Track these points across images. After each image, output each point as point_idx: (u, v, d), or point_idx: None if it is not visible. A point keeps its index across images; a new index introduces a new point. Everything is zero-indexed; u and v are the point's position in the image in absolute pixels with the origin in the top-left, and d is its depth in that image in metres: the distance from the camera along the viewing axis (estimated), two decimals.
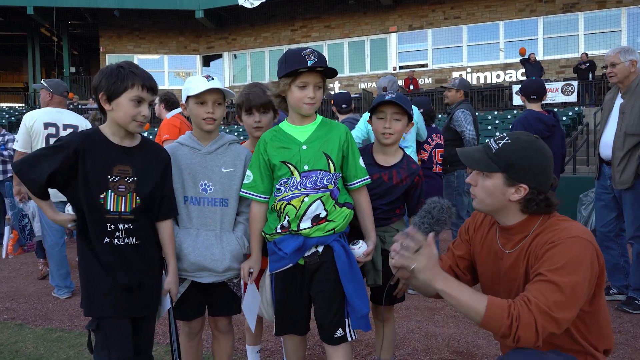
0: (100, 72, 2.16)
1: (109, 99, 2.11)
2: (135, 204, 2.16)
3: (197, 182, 2.39)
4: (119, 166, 2.14)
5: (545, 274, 1.65)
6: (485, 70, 19.69)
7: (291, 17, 22.17)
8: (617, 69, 4.04)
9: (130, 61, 2.22)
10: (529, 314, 1.61)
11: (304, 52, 2.17)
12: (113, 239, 2.12)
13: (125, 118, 2.12)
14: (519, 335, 1.61)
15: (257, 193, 2.33)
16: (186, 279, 2.42)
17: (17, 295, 5.00)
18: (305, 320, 2.42)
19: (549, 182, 1.80)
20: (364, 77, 21.39)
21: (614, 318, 3.91)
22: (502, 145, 1.81)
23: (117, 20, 22.88)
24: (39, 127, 4.57)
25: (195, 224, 2.38)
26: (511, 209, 1.83)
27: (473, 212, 2.15)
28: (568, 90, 15.95)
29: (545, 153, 1.81)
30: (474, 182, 1.88)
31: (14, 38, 27.11)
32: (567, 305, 1.62)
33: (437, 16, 20.22)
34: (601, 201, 4.32)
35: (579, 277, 1.63)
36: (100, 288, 2.12)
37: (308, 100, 2.21)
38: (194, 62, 24.05)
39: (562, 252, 1.67)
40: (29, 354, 3.46)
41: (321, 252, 2.29)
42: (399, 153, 2.63)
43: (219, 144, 2.45)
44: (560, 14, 18.60)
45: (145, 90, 2.13)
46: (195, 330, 2.57)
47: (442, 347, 3.44)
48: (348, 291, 2.27)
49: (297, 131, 2.32)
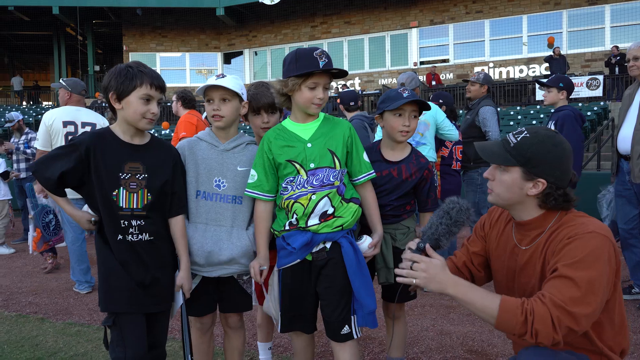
0: (110, 72, 2.21)
1: (119, 97, 2.17)
2: (147, 201, 2.21)
3: (212, 178, 2.41)
4: (129, 163, 2.20)
5: (561, 269, 1.63)
6: (507, 65, 19.38)
7: (311, 13, 22.16)
8: None
9: (139, 61, 2.28)
10: (543, 307, 1.59)
11: (315, 53, 2.18)
12: (127, 236, 2.18)
13: (135, 116, 2.17)
14: (536, 329, 1.58)
15: (262, 192, 2.33)
16: (197, 275, 2.45)
17: (40, 289, 5.12)
18: (311, 317, 2.42)
19: (568, 177, 1.77)
20: (385, 72, 21.27)
21: (635, 317, 3.82)
22: (520, 139, 1.79)
23: (139, 19, 23.18)
24: (58, 126, 4.66)
25: (204, 219, 2.40)
26: (528, 204, 1.81)
27: (490, 208, 2.13)
28: (593, 85, 15.62)
29: (564, 147, 1.78)
30: (491, 177, 1.87)
31: (40, 37, 27.69)
32: (583, 301, 1.58)
33: (458, 10, 19.96)
34: (622, 198, 4.20)
35: (595, 272, 1.60)
36: (116, 284, 2.18)
37: (317, 100, 2.24)
38: (215, 60, 24.23)
39: (579, 247, 1.64)
40: (48, 347, 3.54)
41: (329, 248, 2.30)
42: (407, 148, 2.62)
43: (237, 143, 2.47)
44: (585, 6, 18.18)
45: (153, 88, 2.18)
46: (207, 326, 2.60)
47: (457, 346, 3.41)
48: (356, 287, 2.27)
49: (301, 129, 2.32)
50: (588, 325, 1.62)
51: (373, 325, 2.32)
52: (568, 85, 4.65)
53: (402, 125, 2.48)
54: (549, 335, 1.58)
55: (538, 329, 1.58)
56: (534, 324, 1.58)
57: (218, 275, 2.43)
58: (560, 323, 1.57)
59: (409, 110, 2.48)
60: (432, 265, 1.73)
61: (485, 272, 2.11)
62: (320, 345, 3.41)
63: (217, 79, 2.36)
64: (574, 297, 1.58)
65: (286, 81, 2.24)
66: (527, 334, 1.60)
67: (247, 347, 3.46)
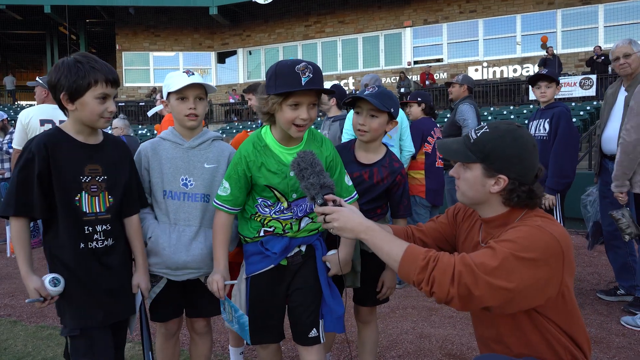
0: (56, 68, 2.00)
1: (71, 98, 1.98)
2: (109, 203, 2.10)
3: (178, 177, 2.32)
4: (89, 165, 2.06)
5: (490, 242, 1.60)
6: (501, 65, 19.33)
7: (305, 12, 22.08)
8: (631, 59, 3.87)
9: (86, 53, 2.11)
10: (449, 259, 1.56)
11: (298, 67, 1.91)
12: (90, 243, 2.04)
13: (92, 117, 2.02)
14: (433, 277, 1.53)
15: (233, 207, 2.18)
16: (162, 278, 2.35)
17: (17, 292, 5.02)
18: (279, 326, 2.32)
19: (532, 172, 1.69)
20: (379, 72, 21.16)
21: (618, 320, 3.75)
22: (480, 134, 1.73)
23: (132, 17, 23.06)
24: (35, 124, 4.55)
25: (173, 219, 2.31)
26: (493, 202, 1.74)
27: None
28: (587, 85, 15.58)
29: (525, 142, 1.69)
30: (457, 175, 1.81)
31: (33, 37, 27.53)
32: (494, 271, 1.50)
33: (452, 10, 19.91)
34: (606, 199, 4.11)
35: (520, 254, 1.52)
36: (85, 298, 2.03)
37: (300, 121, 1.98)
38: (209, 59, 24.12)
39: (516, 232, 1.60)
40: (17, 351, 3.45)
41: (304, 251, 2.25)
42: (381, 150, 2.50)
43: (202, 140, 2.38)
44: (579, 6, 18.14)
45: (109, 85, 2.02)
46: (172, 331, 2.51)
47: (435, 349, 3.34)
48: (326, 290, 2.21)
49: (285, 152, 2.12)
50: (489, 300, 1.52)
51: (340, 330, 2.25)
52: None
53: (357, 123, 2.39)
54: (445, 286, 1.52)
55: (435, 277, 1.54)
56: (434, 270, 1.54)
57: (187, 279, 2.34)
58: (460, 278, 1.51)
59: (365, 109, 2.36)
60: (341, 213, 1.74)
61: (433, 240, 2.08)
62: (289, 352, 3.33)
63: (189, 75, 2.27)
64: (486, 263, 1.52)
65: (266, 99, 2.00)
66: (424, 281, 1.55)
67: (221, 350, 3.38)
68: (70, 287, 2.00)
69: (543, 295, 1.58)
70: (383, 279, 2.50)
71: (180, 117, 2.33)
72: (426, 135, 4.97)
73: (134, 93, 23.72)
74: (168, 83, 2.33)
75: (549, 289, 1.58)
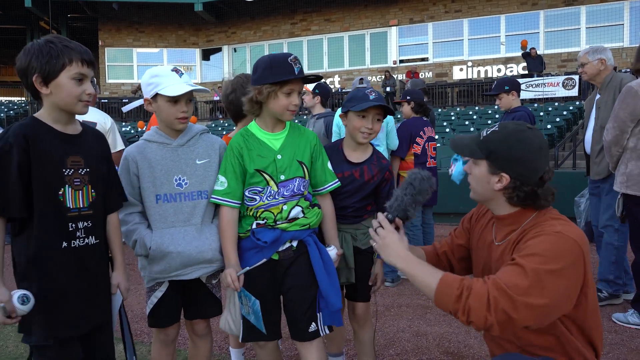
0: (26, 51, 1.85)
1: (45, 80, 1.83)
2: (92, 198, 1.96)
3: (171, 178, 2.25)
4: (71, 157, 1.91)
5: (515, 258, 1.60)
6: (486, 65, 19.54)
7: (291, 10, 22.02)
8: (586, 68, 4.14)
9: (58, 34, 1.95)
10: (483, 286, 1.55)
11: (290, 59, 2.16)
12: (73, 241, 1.90)
13: (69, 99, 1.87)
14: (469, 305, 1.53)
15: (232, 200, 2.24)
16: (164, 282, 2.29)
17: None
18: (276, 324, 2.34)
19: (535, 174, 1.70)
20: (364, 71, 21.25)
21: (609, 317, 3.82)
22: (489, 133, 1.79)
23: (116, 13, 22.76)
24: None
25: (172, 222, 2.24)
26: (499, 200, 1.78)
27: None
28: (569, 85, 15.82)
29: (529, 144, 1.71)
30: (469, 170, 1.86)
31: (13, 31, 27.01)
32: (527, 290, 1.51)
33: (438, 10, 20.05)
34: (595, 196, 4.27)
35: (550, 267, 1.53)
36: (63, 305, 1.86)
37: (293, 107, 2.21)
38: (194, 56, 23.93)
39: (540, 243, 1.60)
40: (9, 353, 3.38)
41: (295, 247, 2.29)
42: (369, 149, 2.59)
43: (189, 136, 2.32)
44: (562, 7, 18.43)
45: (85, 65, 1.88)
46: (171, 338, 2.42)
47: (433, 347, 3.36)
48: (322, 284, 2.24)
49: (270, 138, 2.28)
50: (528, 320, 1.53)
51: (339, 323, 2.33)
52: (513, 85, 4.89)
53: (364, 127, 2.45)
54: (482, 314, 1.52)
55: (471, 305, 1.53)
56: (469, 299, 1.54)
57: (198, 276, 2.28)
58: (496, 304, 1.51)
59: (373, 113, 2.45)
60: (390, 235, 1.77)
61: (465, 265, 2.09)
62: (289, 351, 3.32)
63: (180, 75, 2.22)
64: (519, 284, 1.52)
65: (260, 88, 2.17)
66: (460, 311, 1.55)
67: (219, 351, 3.36)
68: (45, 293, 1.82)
69: (573, 301, 1.61)
70: (376, 272, 2.53)
71: (170, 120, 2.25)
72: (414, 136, 4.93)
73: (116, 90, 23.43)
74: (157, 82, 2.21)
75: (576, 293, 1.61)
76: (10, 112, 21.12)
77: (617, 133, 3.58)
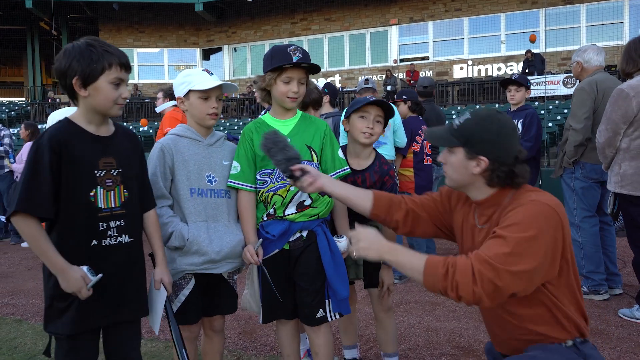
0: (66, 52, 1.89)
1: (85, 83, 1.87)
2: (124, 198, 2.01)
3: (203, 174, 2.35)
4: (103, 159, 1.96)
5: (496, 231, 1.69)
6: (486, 63, 19.59)
7: (291, 9, 22.06)
8: (573, 67, 4.36)
9: (97, 37, 2.00)
10: (466, 261, 1.64)
11: (289, 49, 2.29)
12: (104, 239, 1.95)
13: (106, 103, 1.92)
14: (456, 281, 1.61)
15: (246, 182, 2.38)
16: (191, 279, 2.34)
17: (17, 290, 4.99)
18: (291, 304, 2.46)
19: (511, 153, 1.80)
20: (365, 70, 21.30)
21: (615, 312, 3.88)
22: (463, 121, 1.88)
23: (116, 13, 22.79)
24: None
25: (204, 217, 2.32)
26: (478, 184, 1.87)
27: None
28: (570, 83, 15.87)
29: (502, 125, 1.82)
30: (444, 160, 1.94)
31: (13, 32, 26.98)
32: (509, 257, 1.60)
33: (437, 8, 20.10)
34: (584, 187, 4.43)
35: (528, 234, 1.62)
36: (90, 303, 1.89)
37: (292, 94, 2.32)
38: (194, 56, 23.96)
39: (518, 213, 1.69)
40: (28, 350, 3.44)
41: (305, 237, 2.39)
42: (372, 155, 2.68)
43: (216, 137, 2.46)
44: (562, 5, 18.48)
45: (123, 69, 1.94)
46: (195, 334, 2.48)
47: (444, 342, 3.42)
48: (329, 274, 2.34)
49: (280, 124, 2.41)
50: (513, 286, 1.61)
51: (346, 311, 2.44)
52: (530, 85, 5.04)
53: (365, 127, 2.53)
54: (469, 287, 1.60)
55: (458, 281, 1.61)
56: (455, 275, 1.61)
57: (225, 270, 2.38)
58: (481, 276, 1.59)
59: (373, 114, 2.55)
60: (366, 234, 1.82)
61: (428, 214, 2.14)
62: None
63: (211, 75, 2.34)
64: (500, 252, 1.61)
65: (264, 76, 2.36)
66: (449, 287, 1.63)
67: (234, 347, 3.42)
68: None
69: (556, 265, 1.70)
70: (382, 278, 2.65)
71: (201, 116, 2.36)
72: (415, 134, 5.05)
73: None
74: (189, 80, 2.33)
75: (557, 257, 1.70)
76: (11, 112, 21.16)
77: (610, 135, 3.65)
